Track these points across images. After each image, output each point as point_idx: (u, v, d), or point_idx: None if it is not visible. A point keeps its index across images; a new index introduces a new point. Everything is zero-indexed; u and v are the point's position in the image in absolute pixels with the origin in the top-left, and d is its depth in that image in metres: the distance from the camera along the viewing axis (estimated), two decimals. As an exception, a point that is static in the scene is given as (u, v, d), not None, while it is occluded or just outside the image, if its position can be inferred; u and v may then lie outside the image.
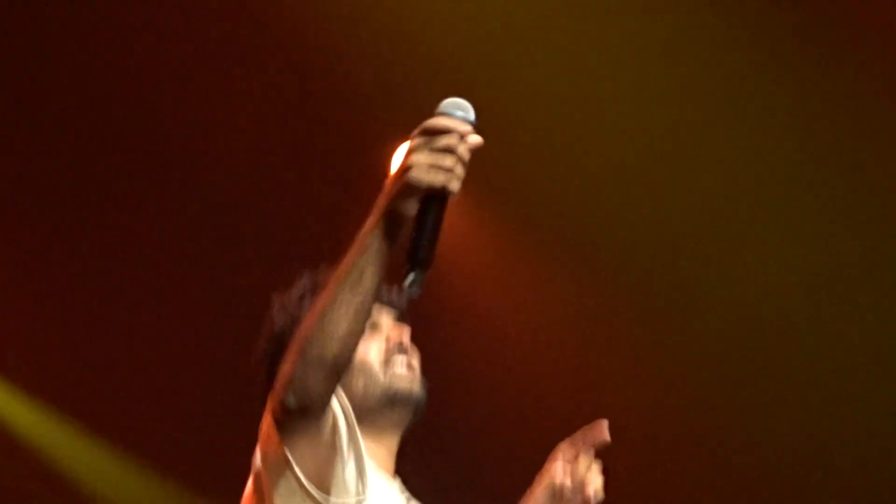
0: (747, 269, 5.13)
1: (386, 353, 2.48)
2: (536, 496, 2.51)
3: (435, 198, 1.97)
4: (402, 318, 2.58)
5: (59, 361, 5.44)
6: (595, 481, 2.43)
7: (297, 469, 2.19)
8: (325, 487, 2.21)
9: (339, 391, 2.24)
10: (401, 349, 2.50)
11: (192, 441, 5.29)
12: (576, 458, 2.45)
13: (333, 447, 2.22)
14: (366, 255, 2.02)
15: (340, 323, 2.04)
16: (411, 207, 2.00)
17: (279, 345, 2.40)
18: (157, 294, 5.34)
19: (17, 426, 5.54)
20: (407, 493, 2.50)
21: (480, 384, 5.45)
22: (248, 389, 2.48)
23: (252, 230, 5.15)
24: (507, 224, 5.30)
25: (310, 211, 5.20)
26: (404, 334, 2.54)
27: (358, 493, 2.23)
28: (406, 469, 2.54)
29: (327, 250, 2.19)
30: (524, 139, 4.99)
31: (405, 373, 2.47)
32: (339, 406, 2.26)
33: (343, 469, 2.22)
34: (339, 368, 2.09)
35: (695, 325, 5.26)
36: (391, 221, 2.02)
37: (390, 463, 2.50)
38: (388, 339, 2.50)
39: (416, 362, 2.51)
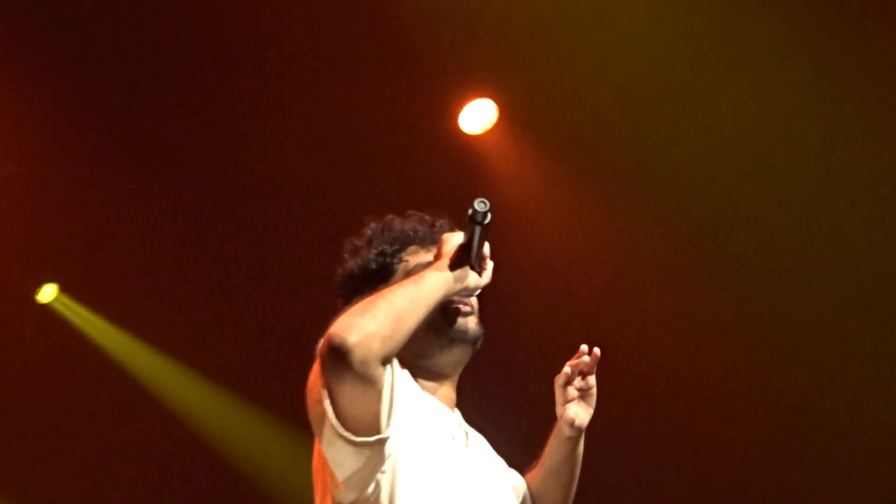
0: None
1: None
2: (551, 442, 2.76)
3: (477, 224, 2.48)
4: None
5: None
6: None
7: (328, 406, 2.32)
8: (351, 426, 2.33)
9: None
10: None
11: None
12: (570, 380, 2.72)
13: (367, 392, 2.32)
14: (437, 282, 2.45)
15: (411, 324, 2.39)
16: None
17: (350, 286, 2.63)
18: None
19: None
20: (466, 425, 2.65)
21: (537, 316, 5.68)
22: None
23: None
24: (554, 163, 5.51)
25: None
26: None
27: (382, 431, 2.35)
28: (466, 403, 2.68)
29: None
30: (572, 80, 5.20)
31: (465, 310, 2.59)
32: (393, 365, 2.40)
33: (374, 411, 2.34)
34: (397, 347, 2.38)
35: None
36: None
37: (452, 396, 2.64)
38: None
39: (474, 302, 2.62)
